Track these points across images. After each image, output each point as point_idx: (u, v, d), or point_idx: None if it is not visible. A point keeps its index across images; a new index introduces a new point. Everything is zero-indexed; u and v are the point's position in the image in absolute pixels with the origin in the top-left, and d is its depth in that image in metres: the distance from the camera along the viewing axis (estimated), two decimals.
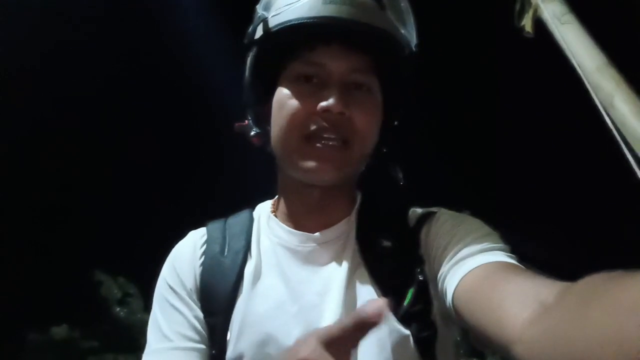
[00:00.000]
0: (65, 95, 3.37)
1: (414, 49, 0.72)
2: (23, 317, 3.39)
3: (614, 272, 0.35)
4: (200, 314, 0.71)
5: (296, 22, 0.65)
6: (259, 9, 0.72)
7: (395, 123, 0.76)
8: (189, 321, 0.70)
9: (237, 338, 0.67)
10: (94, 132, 3.63)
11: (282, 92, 0.69)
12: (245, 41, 0.75)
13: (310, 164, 0.66)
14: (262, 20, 0.70)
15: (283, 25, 0.66)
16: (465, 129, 3.29)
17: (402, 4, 0.71)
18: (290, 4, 0.66)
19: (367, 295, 0.67)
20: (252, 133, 0.78)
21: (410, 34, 0.72)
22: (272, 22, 0.68)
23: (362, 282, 0.68)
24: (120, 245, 3.39)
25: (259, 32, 0.70)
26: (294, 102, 0.67)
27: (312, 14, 0.64)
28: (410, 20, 0.72)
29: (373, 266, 0.68)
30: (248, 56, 0.74)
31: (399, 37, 0.69)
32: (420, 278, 0.66)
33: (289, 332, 0.66)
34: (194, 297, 0.72)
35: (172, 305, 0.72)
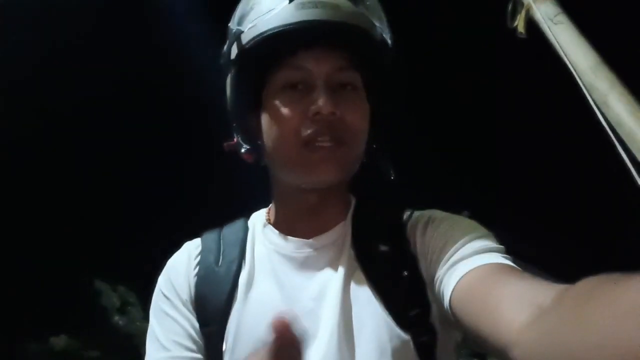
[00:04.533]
0: (57, 103, 3.37)
1: (389, 42, 0.72)
2: (22, 327, 3.37)
3: (612, 274, 0.35)
4: (197, 324, 0.71)
5: (273, 31, 0.65)
6: (232, 26, 0.72)
7: (382, 119, 0.76)
8: (185, 331, 0.70)
9: (233, 347, 0.67)
10: (92, 140, 3.63)
11: (271, 104, 0.69)
12: (222, 61, 0.75)
13: (312, 168, 0.67)
14: (237, 37, 0.69)
15: (260, 37, 0.66)
16: (465, 130, 3.30)
17: (371, 1, 0.71)
18: (263, 14, 0.66)
19: (365, 300, 0.67)
20: (243, 150, 0.78)
21: (385, 28, 0.72)
22: (248, 36, 0.68)
23: (359, 287, 0.68)
24: (120, 254, 3.38)
25: (235, 49, 0.70)
26: (284, 111, 0.67)
27: (288, 20, 0.64)
28: (383, 15, 0.73)
29: (370, 270, 0.68)
30: (227, 75, 0.74)
31: (375, 32, 0.69)
32: (418, 286, 0.66)
33: None
34: (190, 307, 0.72)
35: (169, 315, 0.72)
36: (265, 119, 0.69)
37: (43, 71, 3.32)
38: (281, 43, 0.66)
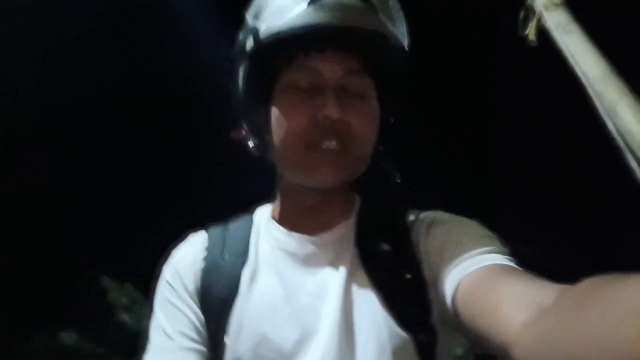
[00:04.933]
0: (63, 97, 3.38)
1: (406, 47, 0.72)
2: (31, 321, 3.41)
3: (611, 275, 0.35)
4: (202, 316, 0.71)
5: (288, 32, 0.65)
6: (249, 18, 0.72)
7: (392, 121, 0.76)
8: (191, 322, 0.71)
9: (235, 341, 0.68)
10: (99, 136, 3.65)
11: (280, 103, 0.69)
12: (235, 49, 0.75)
13: (314, 170, 0.67)
14: (253, 32, 0.69)
15: (275, 36, 0.66)
16: (468, 133, 3.29)
17: (391, 3, 0.71)
18: (280, 13, 0.66)
19: (366, 298, 0.67)
20: (250, 143, 0.78)
21: (401, 32, 0.72)
22: (264, 33, 0.68)
23: (360, 286, 0.68)
24: (128, 252, 3.40)
25: (250, 43, 0.71)
26: (292, 113, 0.68)
27: (304, 22, 0.64)
28: (401, 18, 0.73)
29: (372, 270, 0.69)
30: (239, 66, 0.75)
31: (391, 37, 0.69)
32: (420, 286, 0.66)
33: (285, 334, 0.67)
34: (196, 299, 0.73)
35: (175, 306, 0.73)
36: (274, 117, 0.70)
37: (45, 68, 3.35)
38: (296, 44, 0.66)
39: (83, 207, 3.67)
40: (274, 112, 0.70)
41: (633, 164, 0.64)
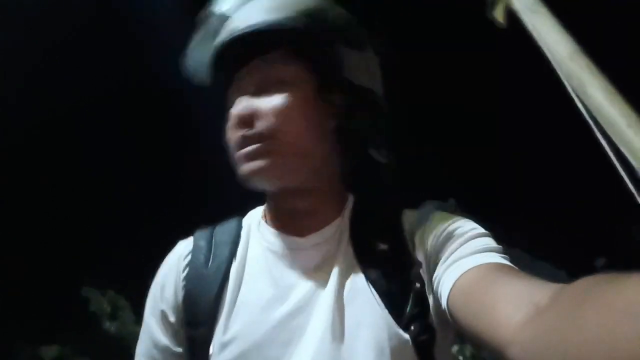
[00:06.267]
0: (45, 107, 3.31)
1: (330, 34, 0.70)
2: (12, 337, 3.33)
3: (608, 273, 0.35)
4: (183, 325, 0.71)
5: (213, 56, 0.71)
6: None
7: (353, 117, 0.74)
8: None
9: (221, 348, 0.66)
10: (80, 145, 3.58)
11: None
12: None
13: (244, 169, 0.67)
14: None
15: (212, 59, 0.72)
16: (465, 129, 3.32)
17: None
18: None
19: (363, 298, 0.66)
20: None
21: (322, 23, 0.70)
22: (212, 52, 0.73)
23: (356, 285, 0.67)
24: (109, 258, 3.34)
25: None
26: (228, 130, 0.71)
27: (220, 39, 0.70)
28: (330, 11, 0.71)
29: (368, 268, 0.68)
30: None
31: (310, 26, 0.68)
32: (417, 285, 0.66)
33: (275, 338, 0.66)
34: (176, 309, 0.72)
35: (155, 317, 0.73)
36: None
37: (38, 70, 3.26)
38: (223, 62, 0.70)
39: (63, 214, 3.59)
40: None
41: (604, 144, 0.64)
